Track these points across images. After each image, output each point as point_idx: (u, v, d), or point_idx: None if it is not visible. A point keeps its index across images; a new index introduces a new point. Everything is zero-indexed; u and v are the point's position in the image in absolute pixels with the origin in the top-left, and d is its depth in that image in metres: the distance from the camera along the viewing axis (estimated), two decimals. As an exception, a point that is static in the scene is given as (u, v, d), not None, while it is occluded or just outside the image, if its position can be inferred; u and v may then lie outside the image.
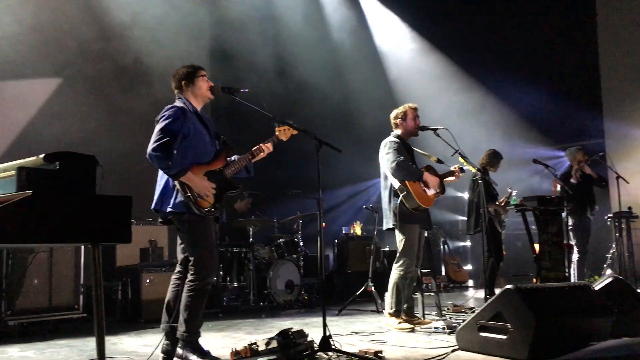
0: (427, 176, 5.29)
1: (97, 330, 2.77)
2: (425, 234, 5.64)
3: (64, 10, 7.55)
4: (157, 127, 3.73)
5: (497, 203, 6.73)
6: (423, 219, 5.33)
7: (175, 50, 8.35)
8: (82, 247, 5.55)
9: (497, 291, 4.72)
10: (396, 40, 11.53)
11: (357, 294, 6.75)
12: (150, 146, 3.65)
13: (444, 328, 4.89)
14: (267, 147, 4.16)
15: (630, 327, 4.24)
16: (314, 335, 3.98)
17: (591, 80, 10.66)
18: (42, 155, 2.77)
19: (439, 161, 5.45)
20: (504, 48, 11.02)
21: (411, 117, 5.46)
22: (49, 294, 5.36)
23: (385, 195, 5.39)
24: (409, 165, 5.23)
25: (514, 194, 6.55)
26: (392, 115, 5.55)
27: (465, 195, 11.78)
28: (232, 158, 4.09)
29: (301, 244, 7.86)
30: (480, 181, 5.83)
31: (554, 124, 10.72)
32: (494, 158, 6.95)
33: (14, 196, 2.57)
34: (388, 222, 5.34)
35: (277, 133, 4.20)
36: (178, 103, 3.92)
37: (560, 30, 10.69)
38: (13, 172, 2.70)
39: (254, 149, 4.12)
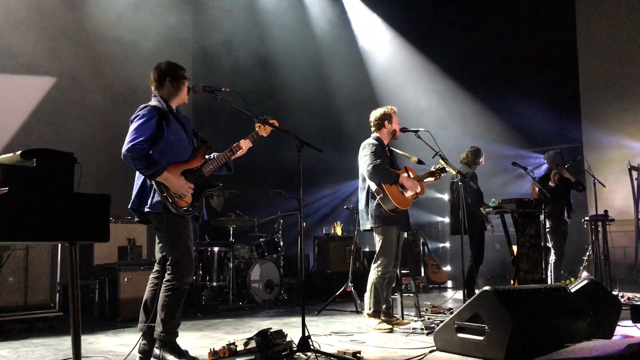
0: (404, 179, 5.30)
1: (73, 329, 2.74)
2: (405, 235, 5.67)
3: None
4: (131, 127, 3.67)
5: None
6: (401, 221, 5.34)
7: (157, 50, 8.36)
8: (59, 245, 5.48)
9: (476, 292, 4.77)
10: (379, 41, 11.57)
11: (337, 294, 6.76)
12: (125, 147, 3.58)
13: (422, 329, 4.93)
14: (246, 144, 4.14)
15: (605, 329, 4.30)
16: (293, 335, 3.97)
17: (570, 86, 10.82)
18: (19, 152, 2.73)
19: (420, 162, 5.46)
20: (486, 53, 11.13)
21: (391, 119, 5.47)
22: (25, 292, 5.28)
23: (362, 196, 5.40)
24: (384, 169, 5.22)
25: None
26: (372, 117, 5.55)
27: (445, 197, 11.90)
28: (211, 156, 4.06)
29: (281, 243, 7.85)
30: (460, 183, 5.87)
31: (533, 128, 10.85)
32: (475, 156, 6.94)
33: (-11, 193, 2.53)
34: (365, 224, 5.35)
35: (256, 129, 4.18)
36: (153, 102, 3.86)
37: (541, 35, 10.82)
38: (-11, 169, 2.66)
39: (233, 146, 4.09)
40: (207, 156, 4.01)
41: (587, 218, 7.82)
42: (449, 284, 10.47)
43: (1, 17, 7.13)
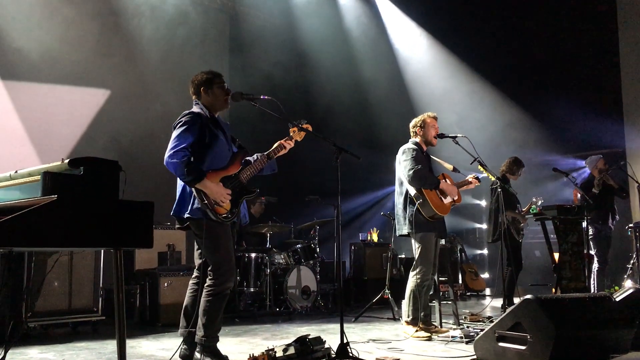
0: (444, 184, 5.28)
1: (118, 334, 2.79)
2: (443, 242, 5.62)
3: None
4: (174, 134, 3.74)
5: (518, 211, 6.68)
6: (439, 227, 5.30)
7: (195, 56, 8.54)
8: (102, 250, 5.61)
9: (516, 301, 4.70)
10: (415, 45, 11.52)
11: (374, 301, 6.73)
12: (167, 153, 3.66)
13: (461, 337, 4.86)
14: (289, 144, 4.16)
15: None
16: (331, 342, 3.97)
17: (612, 89, 10.56)
18: (66, 161, 2.81)
19: (455, 170, 5.44)
20: (525, 57, 10.97)
21: (430, 126, 5.44)
22: (69, 297, 5.42)
23: (400, 201, 5.37)
24: (426, 174, 5.21)
25: (539, 203, 6.51)
26: (412, 124, 5.53)
27: (483, 203, 11.76)
28: (254, 157, 4.09)
29: (318, 250, 7.86)
30: (499, 189, 5.80)
31: (573, 134, 10.63)
32: (515, 166, 6.90)
33: (39, 200, 2.61)
34: (401, 229, 5.33)
35: (291, 133, 4.20)
36: (195, 109, 3.93)
37: (582, 38, 10.61)
38: (38, 177, 2.74)
39: (268, 151, 4.10)
40: (246, 159, 4.05)
41: (631, 225, 7.61)
42: (487, 291, 10.32)
43: (60, 33, 7.40)
